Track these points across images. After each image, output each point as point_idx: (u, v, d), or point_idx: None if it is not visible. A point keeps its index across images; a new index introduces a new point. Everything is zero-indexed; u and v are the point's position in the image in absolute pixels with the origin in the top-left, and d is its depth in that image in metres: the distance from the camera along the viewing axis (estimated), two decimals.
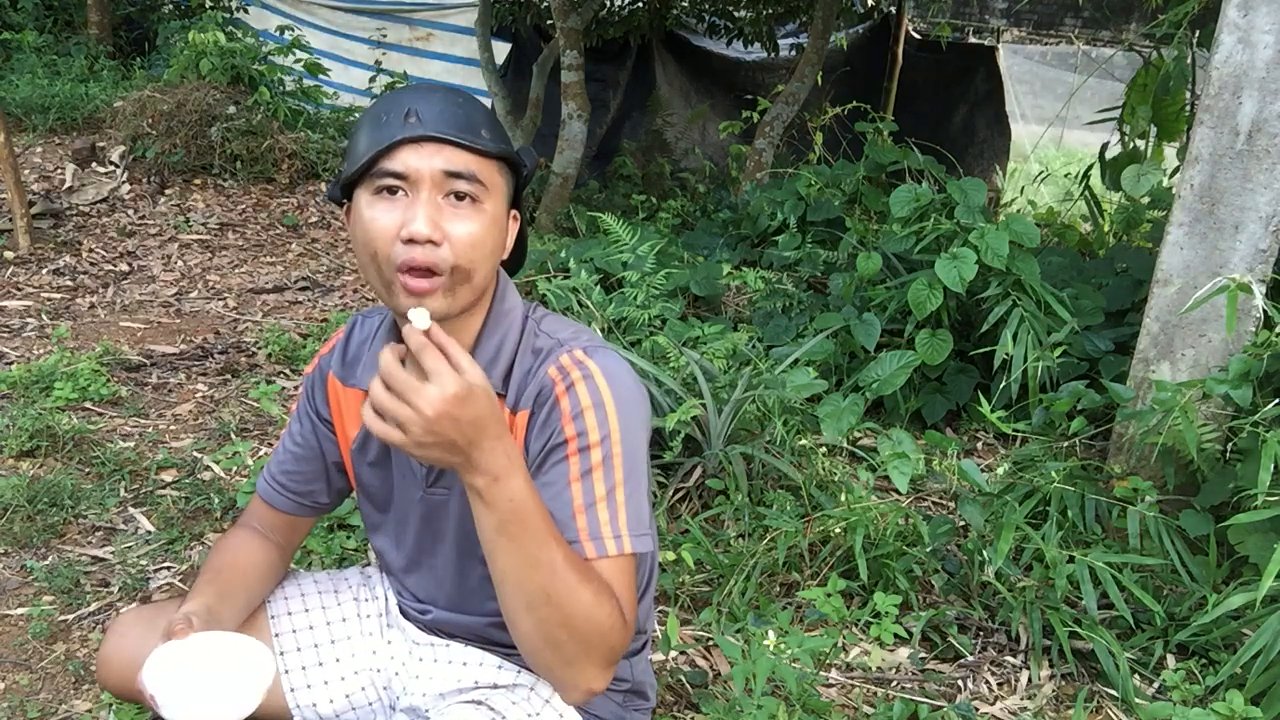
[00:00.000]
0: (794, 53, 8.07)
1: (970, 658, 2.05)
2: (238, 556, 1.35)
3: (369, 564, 1.82)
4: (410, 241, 1.07)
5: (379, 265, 1.09)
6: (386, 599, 1.46)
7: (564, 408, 1.16)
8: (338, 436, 1.37)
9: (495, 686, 1.35)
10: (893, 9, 8.38)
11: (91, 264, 4.38)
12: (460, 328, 1.20)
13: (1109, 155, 4.17)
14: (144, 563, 2.22)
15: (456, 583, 1.33)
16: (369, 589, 1.48)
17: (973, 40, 9.18)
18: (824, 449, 2.71)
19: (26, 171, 5.04)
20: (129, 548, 2.27)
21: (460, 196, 1.10)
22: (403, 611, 1.43)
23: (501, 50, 7.97)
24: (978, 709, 1.88)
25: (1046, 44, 9.56)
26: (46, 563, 2.19)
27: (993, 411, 2.55)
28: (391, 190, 1.09)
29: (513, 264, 1.30)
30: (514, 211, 1.22)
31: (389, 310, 1.29)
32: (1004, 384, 2.97)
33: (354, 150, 1.12)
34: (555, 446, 1.15)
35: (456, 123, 1.10)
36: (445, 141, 1.09)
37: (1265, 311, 2.35)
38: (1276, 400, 2.17)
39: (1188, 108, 3.89)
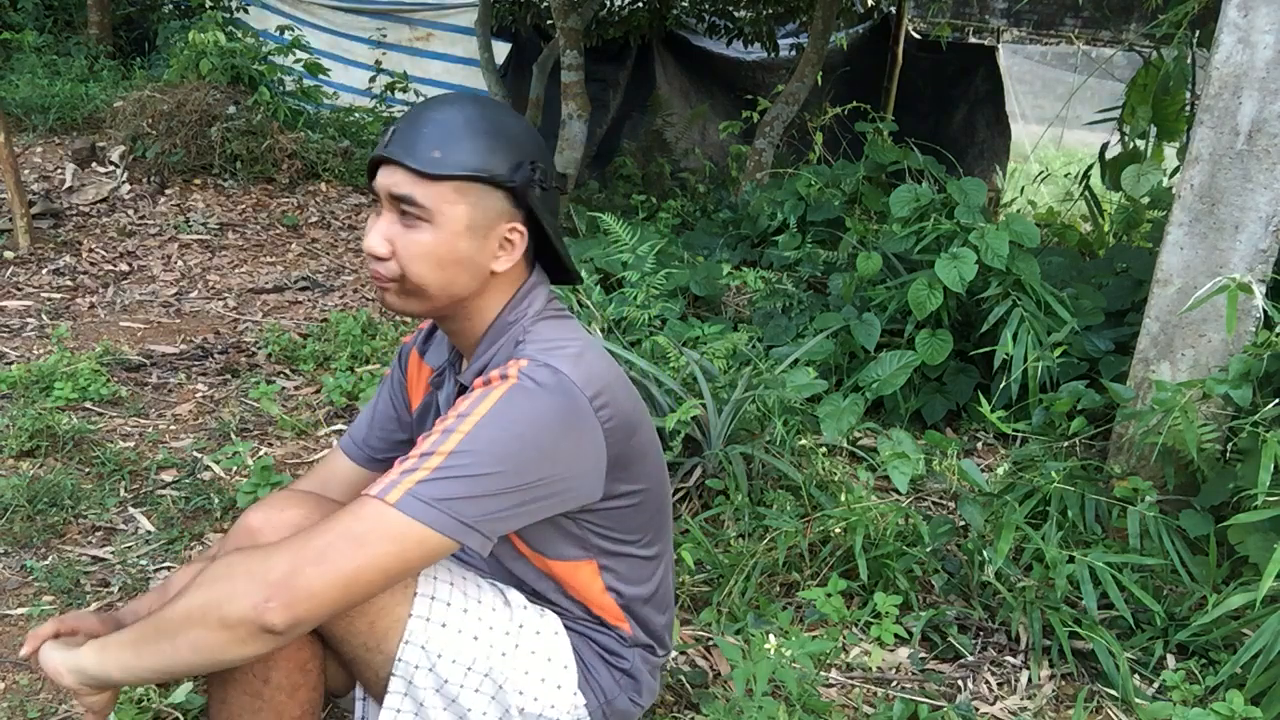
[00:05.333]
0: (794, 53, 8.06)
1: (970, 658, 2.05)
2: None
3: None
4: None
5: None
6: None
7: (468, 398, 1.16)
8: (410, 401, 1.49)
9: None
10: (893, 9, 8.38)
11: (91, 264, 4.38)
12: (456, 333, 1.30)
13: (1109, 155, 4.17)
14: (144, 563, 2.22)
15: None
16: None
17: (973, 40, 9.17)
18: (824, 449, 2.71)
19: (26, 171, 5.03)
20: (129, 548, 2.27)
21: (410, 215, 1.17)
22: None
23: (501, 50, 7.98)
24: (978, 709, 1.88)
25: (1046, 44, 9.56)
26: (46, 563, 2.19)
27: (993, 411, 2.55)
28: (377, 202, 1.20)
29: (555, 276, 1.33)
30: (511, 225, 1.20)
31: None
32: (1004, 384, 2.96)
33: None
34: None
35: (416, 143, 1.15)
36: (394, 163, 1.16)
37: (1265, 311, 2.35)
38: (1276, 400, 2.17)
39: (1188, 108, 3.88)
